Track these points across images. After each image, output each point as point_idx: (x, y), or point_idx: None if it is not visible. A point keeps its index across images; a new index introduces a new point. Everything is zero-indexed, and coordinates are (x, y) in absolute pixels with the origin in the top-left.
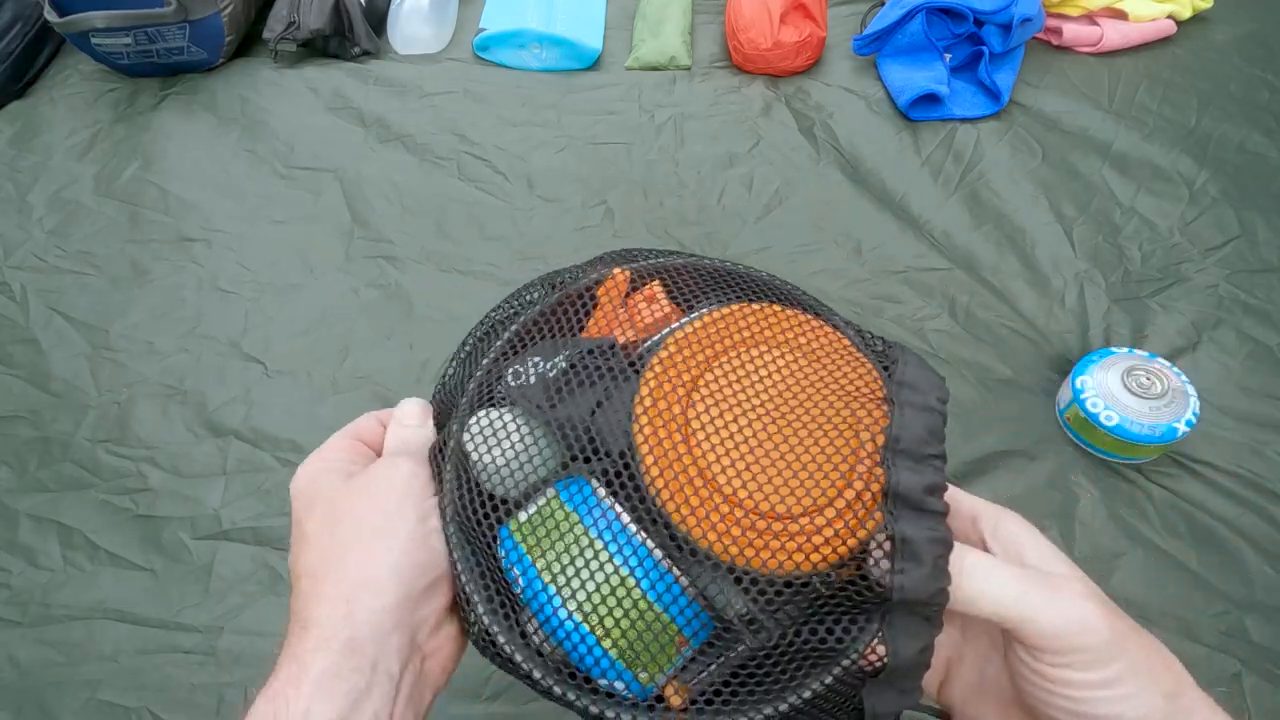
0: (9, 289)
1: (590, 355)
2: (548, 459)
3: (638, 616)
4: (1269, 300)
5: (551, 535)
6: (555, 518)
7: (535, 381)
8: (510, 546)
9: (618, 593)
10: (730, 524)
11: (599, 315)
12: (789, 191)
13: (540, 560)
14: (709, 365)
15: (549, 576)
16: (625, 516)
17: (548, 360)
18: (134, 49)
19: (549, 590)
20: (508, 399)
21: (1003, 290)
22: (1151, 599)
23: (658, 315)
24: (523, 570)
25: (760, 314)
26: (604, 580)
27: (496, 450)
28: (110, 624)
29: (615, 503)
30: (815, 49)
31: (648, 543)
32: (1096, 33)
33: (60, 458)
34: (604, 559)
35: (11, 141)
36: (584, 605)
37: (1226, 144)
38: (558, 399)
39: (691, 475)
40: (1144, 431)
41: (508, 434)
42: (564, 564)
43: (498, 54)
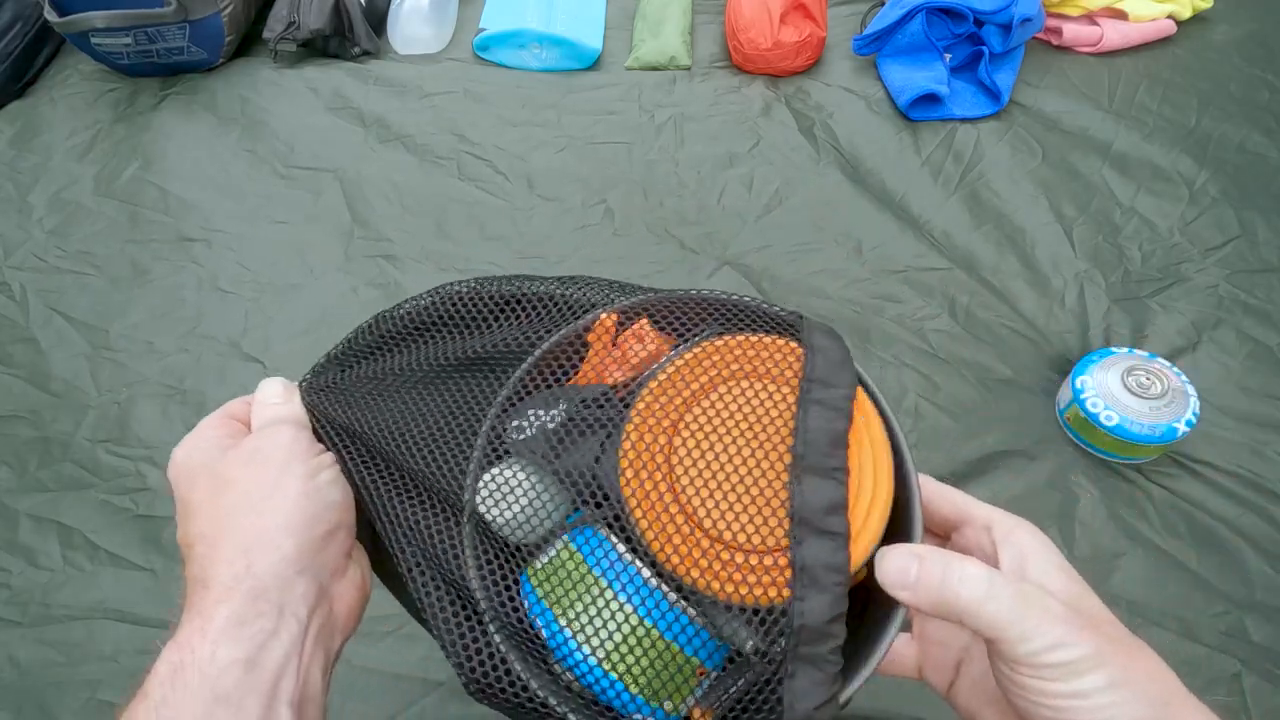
0: (9, 289)
1: (586, 405)
2: (558, 508)
3: (656, 656)
4: (1269, 300)
5: (566, 583)
6: (568, 566)
7: (537, 433)
8: (530, 594)
9: (636, 635)
10: (714, 561)
11: (592, 357)
12: (789, 191)
13: (557, 607)
14: (690, 405)
15: (566, 622)
16: (634, 560)
17: (547, 411)
18: (134, 49)
19: (568, 635)
20: (513, 453)
21: (1003, 290)
22: (1151, 599)
23: (648, 351)
24: (544, 619)
25: (740, 346)
26: (620, 625)
27: (506, 505)
28: (110, 624)
29: (624, 547)
30: (815, 49)
31: (659, 584)
32: (1096, 33)
33: (60, 458)
34: (616, 605)
35: (12, 142)
36: (604, 649)
37: (1226, 144)
38: (561, 449)
39: (676, 518)
40: (1144, 431)
41: (517, 487)
42: (579, 611)
43: (498, 54)
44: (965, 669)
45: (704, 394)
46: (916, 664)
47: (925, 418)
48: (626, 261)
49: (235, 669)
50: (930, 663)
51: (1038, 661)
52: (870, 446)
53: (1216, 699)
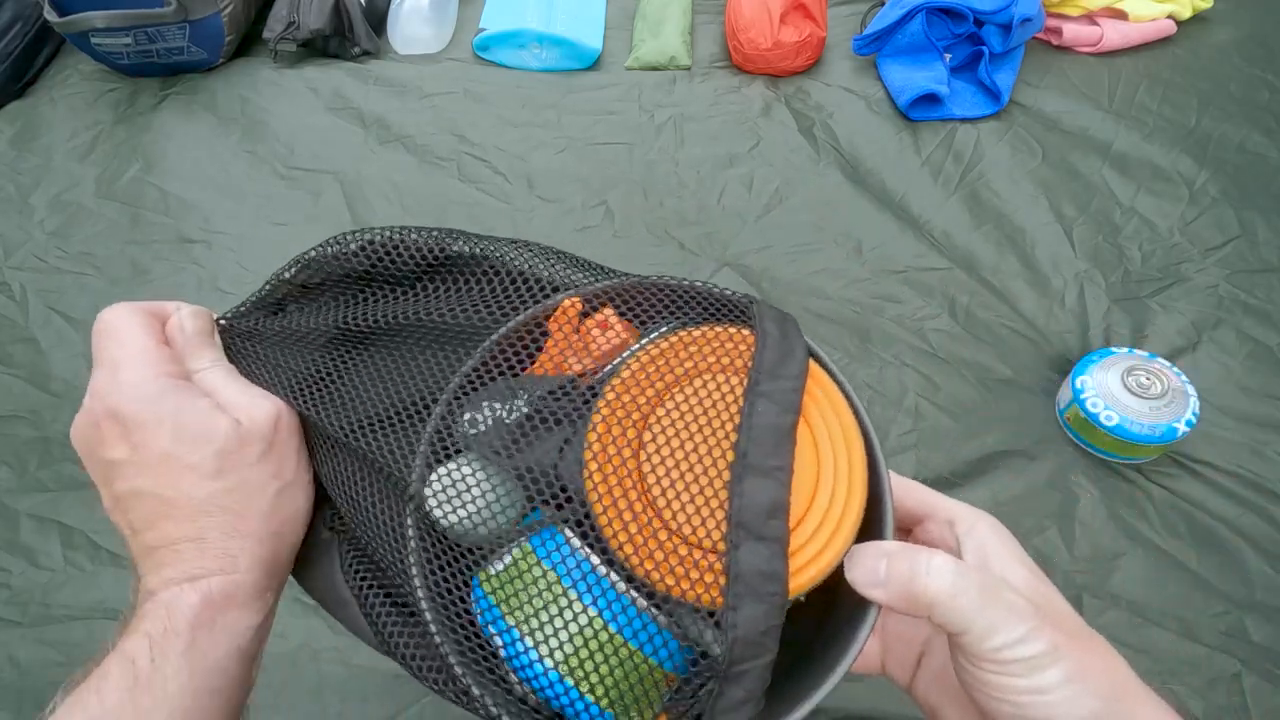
0: (9, 289)
1: (549, 398)
2: (514, 509)
3: (620, 663)
4: (1269, 300)
5: (524, 589)
6: (529, 573)
7: (493, 427)
8: (486, 605)
9: (599, 640)
10: (691, 568)
11: (551, 345)
12: (789, 191)
13: (514, 616)
14: (662, 397)
15: (525, 631)
16: (599, 563)
17: (505, 404)
18: (134, 49)
19: (532, 652)
20: (468, 448)
21: (1003, 290)
22: (1151, 599)
23: (615, 343)
24: (499, 628)
25: (716, 337)
26: (583, 630)
27: (460, 507)
28: (111, 624)
29: (589, 550)
30: (815, 49)
31: (622, 587)
32: (1096, 33)
33: (60, 457)
34: (579, 609)
35: (12, 142)
36: (565, 657)
37: (1226, 144)
38: (521, 445)
39: (645, 520)
40: (1144, 431)
41: (471, 487)
42: (538, 617)
43: (498, 54)
44: (926, 662)
45: (672, 389)
46: (880, 659)
47: (925, 418)
48: (627, 262)
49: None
50: (892, 657)
51: (1000, 657)
52: (844, 445)
53: (1217, 699)
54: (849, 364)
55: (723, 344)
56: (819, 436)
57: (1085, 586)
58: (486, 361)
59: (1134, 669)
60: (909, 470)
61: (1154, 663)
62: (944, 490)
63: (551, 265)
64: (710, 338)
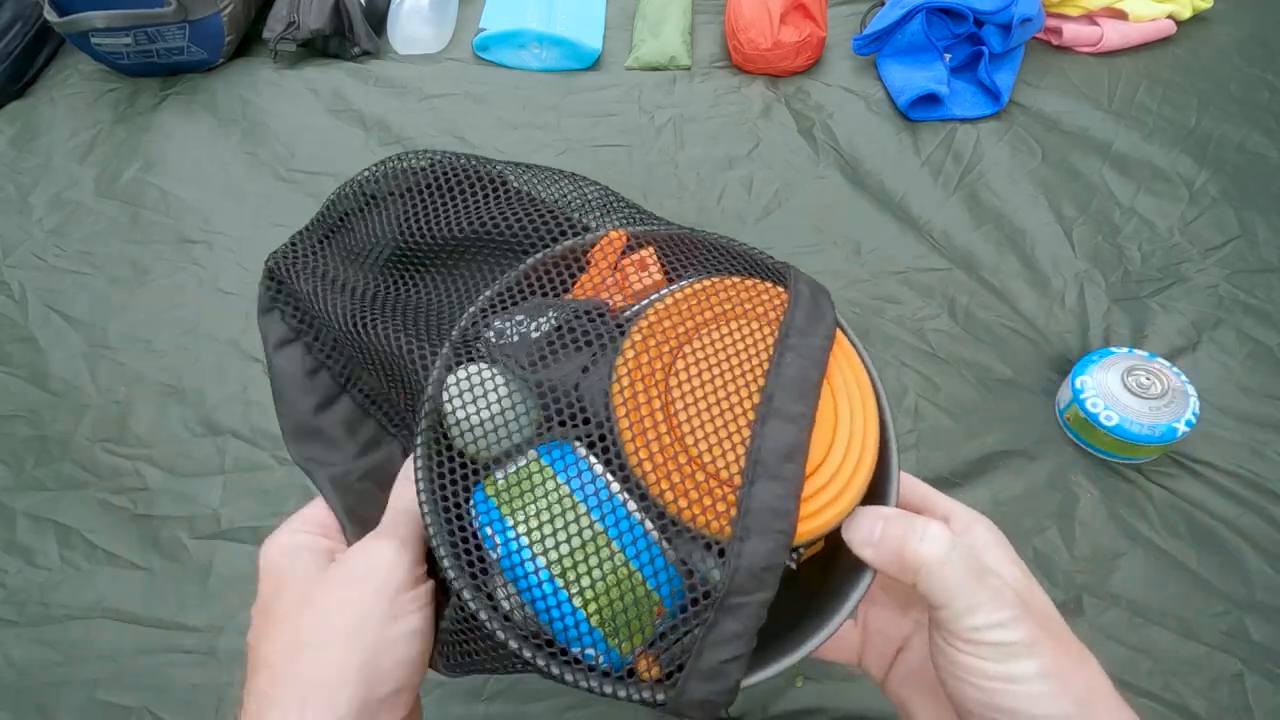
0: (8, 288)
1: (579, 318)
2: (530, 420)
3: (617, 582)
4: (1269, 300)
5: (532, 494)
6: (535, 478)
7: (519, 340)
8: (486, 508)
9: (601, 555)
10: (705, 495)
11: (587, 277)
12: (789, 192)
13: (517, 518)
14: (694, 333)
15: (527, 536)
16: (611, 480)
17: (532, 320)
18: (134, 49)
19: (526, 551)
20: (489, 357)
21: (1003, 290)
22: (1151, 599)
23: (648, 283)
24: (499, 530)
25: (750, 288)
26: (586, 541)
27: (475, 409)
28: (108, 623)
29: (601, 466)
30: (815, 49)
31: (633, 507)
32: (1096, 33)
33: (59, 457)
34: (586, 520)
35: (12, 142)
36: (563, 565)
37: (1226, 144)
38: (544, 360)
39: (669, 444)
40: (1144, 431)
41: (490, 391)
42: (543, 522)
43: (498, 54)
44: (903, 657)
45: (706, 327)
46: (858, 652)
47: (925, 418)
48: None
49: None
50: (871, 650)
51: (977, 638)
52: (863, 410)
53: (1220, 699)
54: None
55: (759, 295)
56: (839, 397)
57: (1085, 586)
58: (521, 280)
59: (1137, 669)
60: (909, 470)
61: (1155, 662)
62: (944, 490)
63: (600, 210)
64: (746, 287)
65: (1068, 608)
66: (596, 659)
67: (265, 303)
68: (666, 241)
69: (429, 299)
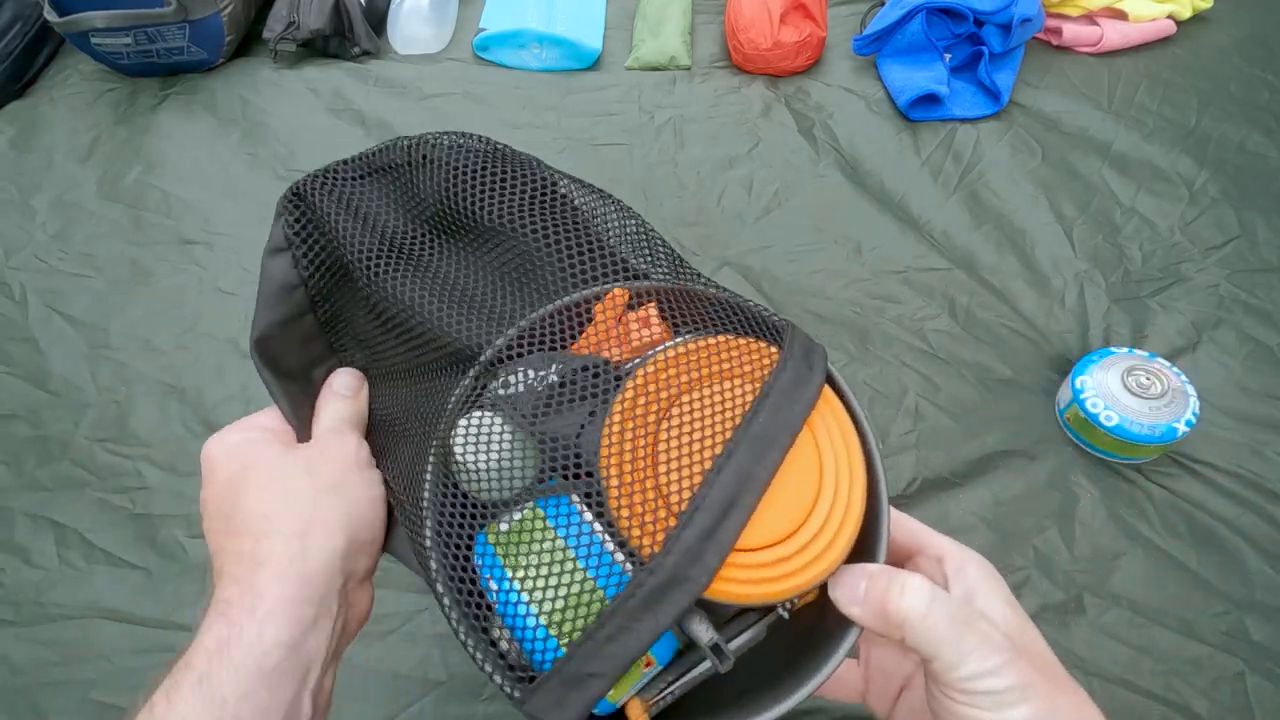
0: (8, 289)
1: (581, 372)
2: (531, 470)
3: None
4: (1269, 300)
5: (530, 548)
6: (535, 531)
7: (524, 392)
8: (487, 555)
9: (591, 608)
10: (650, 531)
11: (592, 330)
12: (789, 192)
13: (515, 570)
14: (685, 390)
15: (522, 587)
16: (605, 536)
17: (538, 372)
18: (134, 49)
19: (522, 600)
20: (496, 406)
21: (1003, 290)
22: (1152, 599)
23: (647, 339)
24: (498, 579)
25: (743, 348)
26: (578, 595)
27: (483, 456)
28: (105, 623)
29: (596, 522)
30: (815, 49)
31: (624, 561)
32: (1096, 33)
33: (59, 456)
34: (580, 576)
35: (12, 142)
36: (555, 618)
37: (1226, 144)
38: (546, 412)
39: (651, 499)
40: (1144, 431)
41: (495, 440)
42: (539, 575)
43: (498, 54)
44: (906, 695)
45: (696, 385)
46: (861, 691)
47: (925, 418)
48: None
49: (279, 651)
50: (874, 689)
51: (969, 688)
52: (850, 470)
53: (1221, 698)
54: (849, 364)
55: (750, 355)
56: (824, 456)
57: (1086, 586)
58: (530, 330)
59: (1139, 669)
60: (908, 470)
61: (1158, 662)
62: (944, 490)
63: (633, 245)
64: (739, 347)
65: (1069, 607)
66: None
67: (279, 208)
68: (671, 295)
69: (452, 273)
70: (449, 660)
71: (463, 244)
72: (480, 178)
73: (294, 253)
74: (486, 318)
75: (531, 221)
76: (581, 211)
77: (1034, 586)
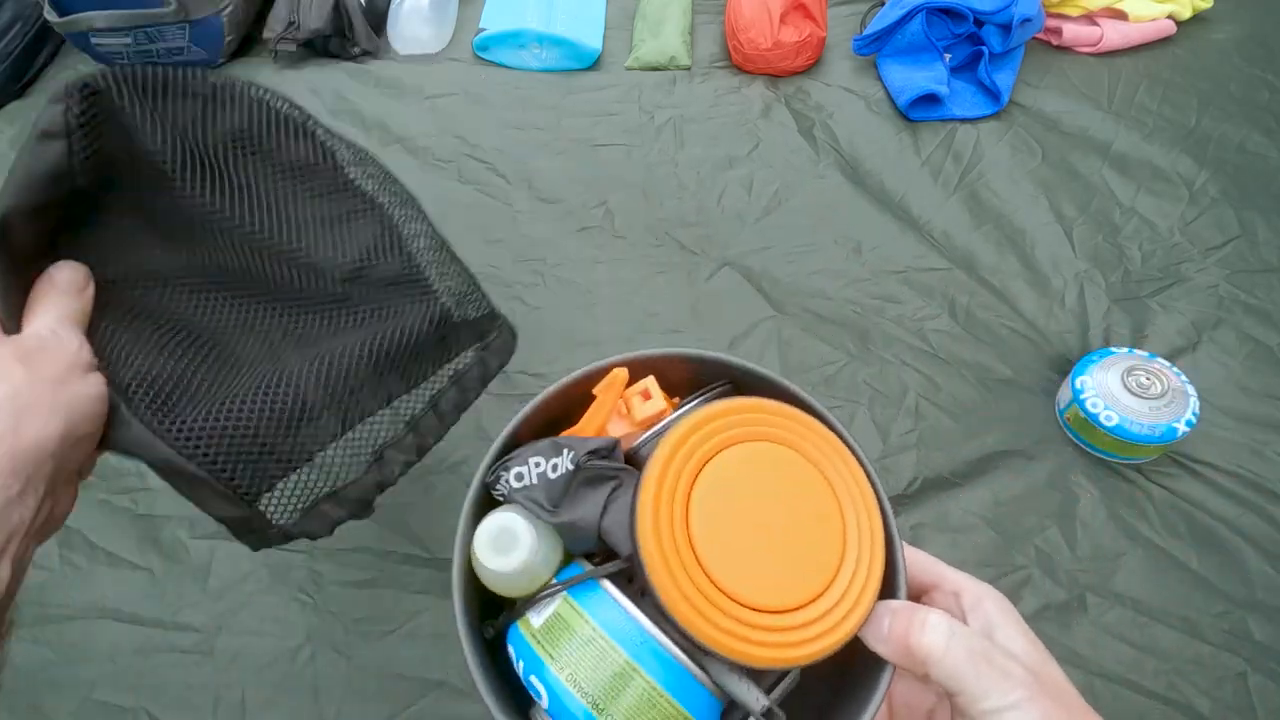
0: None
1: (594, 454)
2: (557, 560)
3: (651, 707)
4: (1269, 300)
5: (567, 637)
6: (570, 621)
7: (538, 483)
8: (525, 652)
9: (634, 687)
10: (733, 623)
11: (593, 409)
12: (789, 192)
13: (558, 663)
14: (704, 463)
15: (565, 681)
16: (644, 619)
17: (548, 460)
18: (134, 49)
19: (568, 694)
20: (514, 501)
21: (1003, 290)
22: (1152, 599)
23: (651, 412)
24: (542, 678)
25: (753, 410)
26: (620, 675)
27: (505, 558)
28: (107, 623)
29: (631, 605)
30: (815, 49)
31: (668, 645)
32: (1096, 33)
33: None
34: (621, 657)
35: (12, 142)
36: (603, 703)
37: (1226, 144)
38: (565, 500)
39: (695, 577)
40: (1144, 431)
41: (518, 539)
42: (586, 671)
43: (498, 54)
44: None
45: (719, 451)
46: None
47: (925, 418)
48: (626, 263)
49: None
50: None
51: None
52: (869, 524)
53: (1224, 698)
54: (849, 364)
55: (773, 418)
56: (846, 515)
57: (1088, 586)
58: (529, 417)
59: (1142, 668)
60: (909, 470)
61: (1161, 662)
62: (945, 490)
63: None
64: (756, 408)
65: (1071, 606)
66: None
67: (66, 91)
68: (660, 363)
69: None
70: (449, 660)
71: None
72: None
73: (72, 142)
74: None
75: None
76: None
77: (1036, 586)
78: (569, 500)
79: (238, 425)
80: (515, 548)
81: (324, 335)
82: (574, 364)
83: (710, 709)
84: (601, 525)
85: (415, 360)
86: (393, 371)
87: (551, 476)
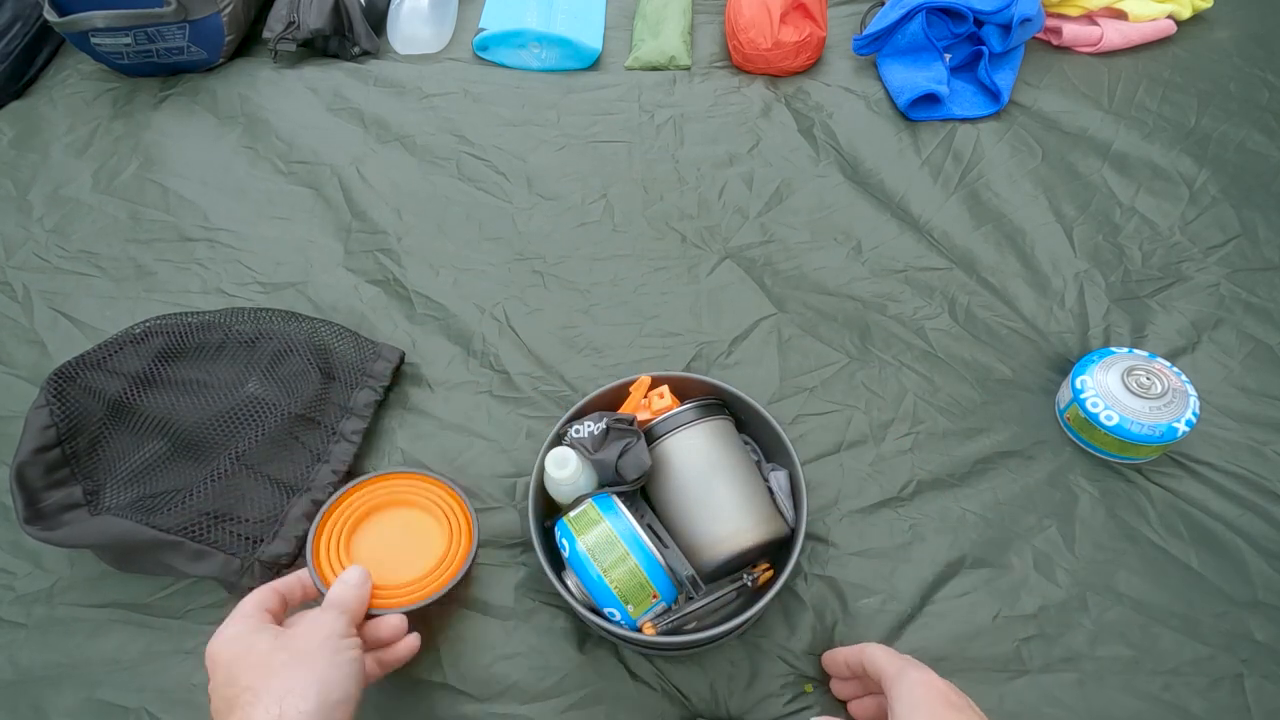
0: (11, 289)
1: (619, 422)
2: (590, 481)
3: (632, 576)
4: (1269, 299)
5: (589, 526)
6: (592, 516)
7: (586, 435)
8: (564, 531)
9: (625, 561)
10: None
11: (628, 400)
12: (789, 192)
13: (580, 540)
14: (360, 521)
15: (585, 549)
16: (633, 520)
17: (595, 424)
18: (134, 49)
19: (585, 557)
20: (569, 444)
21: (1003, 290)
22: (1153, 599)
23: (663, 405)
24: (570, 545)
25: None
26: (617, 552)
27: (562, 472)
28: (113, 625)
29: (629, 513)
30: (815, 49)
31: (644, 536)
32: (1096, 33)
33: None
34: (618, 542)
35: (12, 143)
36: (604, 566)
37: (1226, 144)
38: (599, 445)
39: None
40: (1144, 431)
41: (568, 463)
42: (595, 541)
43: (497, 54)
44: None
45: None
46: None
47: (925, 418)
48: (627, 258)
49: None
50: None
51: None
52: (460, 522)
53: (1220, 699)
54: (849, 363)
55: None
56: (449, 524)
57: (1088, 585)
58: (590, 403)
59: (1138, 669)
60: (908, 470)
61: (1158, 662)
62: (944, 490)
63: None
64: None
65: (1070, 606)
66: (620, 619)
67: (46, 391)
68: (675, 380)
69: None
70: (449, 660)
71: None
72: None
73: (51, 410)
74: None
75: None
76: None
77: (1034, 586)
78: (601, 448)
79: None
80: (567, 466)
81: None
82: (572, 371)
83: (667, 586)
84: (618, 464)
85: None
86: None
87: (595, 432)
